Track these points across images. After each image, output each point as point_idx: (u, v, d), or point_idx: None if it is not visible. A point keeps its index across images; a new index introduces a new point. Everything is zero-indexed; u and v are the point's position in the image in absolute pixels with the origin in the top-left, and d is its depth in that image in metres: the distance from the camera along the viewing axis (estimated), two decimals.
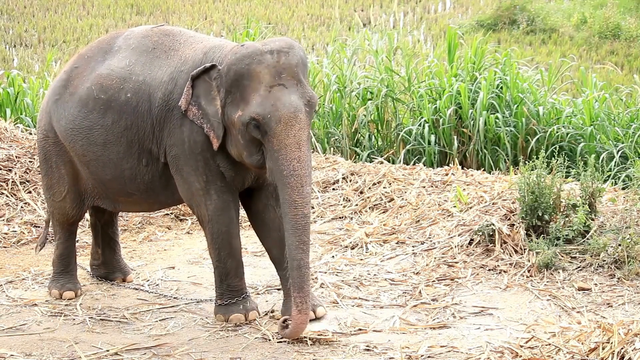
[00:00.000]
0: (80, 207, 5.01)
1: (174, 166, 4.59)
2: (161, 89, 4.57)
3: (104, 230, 5.28)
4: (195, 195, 4.58)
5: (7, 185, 6.72)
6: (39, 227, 6.28)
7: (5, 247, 6.01)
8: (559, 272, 5.08)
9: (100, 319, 4.75)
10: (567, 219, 5.29)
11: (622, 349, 3.70)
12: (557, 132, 7.97)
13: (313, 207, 6.56)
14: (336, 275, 5.30)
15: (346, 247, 5.79)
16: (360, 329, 4.51)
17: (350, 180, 6.79)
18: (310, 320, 4.58)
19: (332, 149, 8.59)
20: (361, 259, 5.56)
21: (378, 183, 6.68)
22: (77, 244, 5.89)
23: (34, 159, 6.98)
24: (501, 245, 5.36)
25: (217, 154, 4.51)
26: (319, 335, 4.41)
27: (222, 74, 4.37)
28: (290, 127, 4.24)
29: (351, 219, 6.32)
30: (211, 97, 4.42)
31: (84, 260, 5.61)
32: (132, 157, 4.67)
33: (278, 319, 4.63)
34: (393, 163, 7.89)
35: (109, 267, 5.32)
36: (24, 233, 6.21)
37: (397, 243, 5.74)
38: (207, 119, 4.44)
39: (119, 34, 4.90)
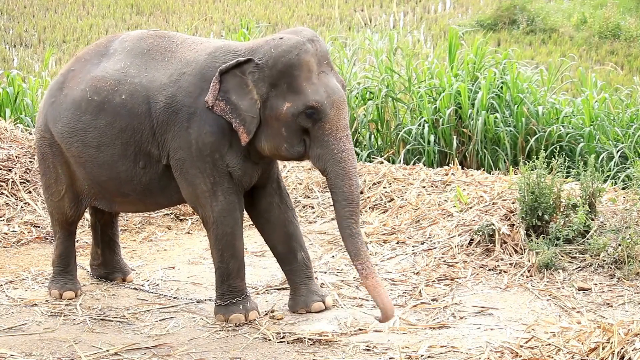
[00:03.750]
0: (78, 207, 5.00)
1: (179, 169, 4.57)
2: (162, 92, 4.54)
3: (104, 231, 5.27)
4: (201, 197, 4.56)
5: (7, 185, 6.71)
6: (39, 227, 6.28)
7: (5, 247, 6.01)
8: (559, 272, 5.08)
9: (100, 319, 4.74)
10: (567, 219, 5.29)
11: (622, 349, 3.69)
12: (556, 132, 7.97)
13: (313, 207, 6.57)
14: (336, 275, 5.30)
15: None
16: (360, 329, 4.51)
17: None
18: (310, 320, 4.58)
19: None
20: None
21: (378, 183, 6.68)
22: (77, 244, 5.89)
23: (34, 159, 6.98)
24: (501, 245, 5.36)
25: (227, 153, 4.50)
26: (318, 335, 4.41)
27: (264, 68, 4.38)
28: (341, 111, 4.39)
29: None
30: (244, 91, 4.42)
31: (84, 260, 5.61)
32: (127, 159, 4.65)
33: (278, 319, 4.64)
34: (393, 163, 7.89)
35: (109, 267, 5.31)
36: (24, 233, 6.20)
37: (397, 243, 5.74)
38: (238, 113, 4.42)
39: (116, 37, 4.88)
